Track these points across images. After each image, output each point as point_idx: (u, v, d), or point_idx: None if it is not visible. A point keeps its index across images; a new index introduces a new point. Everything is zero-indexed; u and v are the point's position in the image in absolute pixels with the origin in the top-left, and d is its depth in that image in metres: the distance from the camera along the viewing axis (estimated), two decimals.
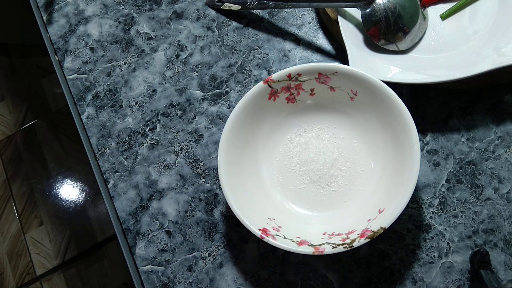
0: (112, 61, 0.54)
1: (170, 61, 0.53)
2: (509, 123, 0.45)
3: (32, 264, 1.31)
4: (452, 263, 0.42)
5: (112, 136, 0.51)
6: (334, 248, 0.38)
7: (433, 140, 0.46)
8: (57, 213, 1.35)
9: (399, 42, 0.46)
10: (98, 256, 1.30)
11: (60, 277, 1.29)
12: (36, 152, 1.43)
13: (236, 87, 0.51)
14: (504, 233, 0.42)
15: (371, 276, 0.43)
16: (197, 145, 0.50)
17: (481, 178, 0.44)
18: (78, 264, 1.30)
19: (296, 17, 0.53)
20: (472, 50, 0.44)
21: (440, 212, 0.44)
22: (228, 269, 0.45)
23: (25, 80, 1.53)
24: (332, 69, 0.42)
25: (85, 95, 0.53)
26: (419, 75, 0.43)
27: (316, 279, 0.44)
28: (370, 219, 0.40)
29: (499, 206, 0.43)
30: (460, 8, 0.47)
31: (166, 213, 0.48)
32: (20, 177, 1.41)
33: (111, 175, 0.50)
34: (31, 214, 1.36)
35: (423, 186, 0.45)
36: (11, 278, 1.30)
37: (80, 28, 0.56)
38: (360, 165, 0.44)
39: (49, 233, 1.33)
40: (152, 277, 0.46)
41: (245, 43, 0.53)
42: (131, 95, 0.52)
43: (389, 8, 0.45)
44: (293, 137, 0.46)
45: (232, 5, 0.53)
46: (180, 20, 0.55)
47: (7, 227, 1.36)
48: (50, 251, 1.32)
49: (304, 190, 0.45)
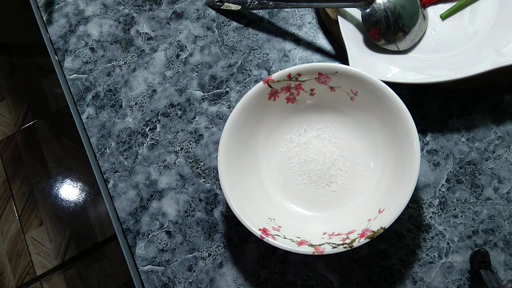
0: (112, 61, 0.54)
1: (170, 61, 0.53)
2: (509, 123, 0.45)
3: (32, 264, 1.31)
4: (452, 263, 0.42)
5: (112, 136, 0.51)
6: (334, 248, 0.38)
7: (433, 140, 0.46)
8: (57, 213, 1.35)
9: (399, 42, 0.46)
10: (98, 256, 1.30)
11: (60, 277, 1.29)
12: (36, 152, 1.43)
13: (236, 87, 0.51)
14: (504, 233, 0.42)
15: (371, 276, 0.43)
16: (197, 145, 0.50)
17: (481, 178, 0.44)
18: (78, 264, 1.30)
19: (296, 17, 0.53)
20: (472, 50, 0.44)
21: (440, 212, 0.44)
22: (228, 269, 0.45)
23: (25, 80, 1.53)
24: (332, 69, 0.42)
25: (85, 95, 0.53)
26: (419, 75, 0.43)
27: (316, 279, 0.44)
28: (370, 219, 0.40)
29: (499, 206, 0.43)
30: (460, 8, 0.47)
31: (166, 213, 0.48)
32: (20, 177, 1.41)
33: (111, 175, 0.50)
34: (31, 214, 1.36)
35: (423, 186, 0.45)
36: (11, 278, 1.30)
37: (80, 28, 0.56)
38: (360, 165, 0.44)
39: (49, 233, 1.33)
40: (152, 277, 0.46)
41: (245, 43, 0.53)
42: (131, 95, 0.52)
43: (389, 8, 0.45)
44: (293, 137, 0.46)
45: (232, 5, 0.53)
46: (180, 20, 0.55)
47: (7, 227, 1.36)
48: (50, 251, 1.32)
49: (304, 190, 0.45)
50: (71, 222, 1.33)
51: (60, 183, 1.38)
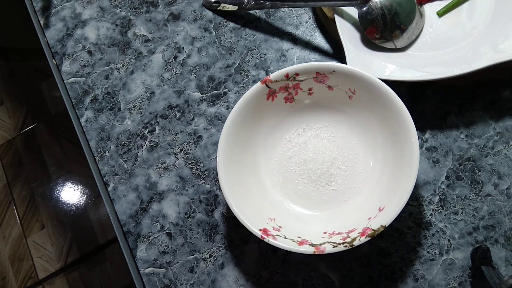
0: (110, 64, 0.54)
1: (168, 63, 0.53)
2: (508, 119, 0.45)
3: (35, 268, 1.31)
4: (453, 260, 0.42)
5: (111, 139, 0.51)
6: (335, 247, 0.38)
7: (432, 137, 0.46)
8: (58, 216, 1.35)
9: (396, 40, 0.46)
10: (100, 258, 1.30)
11: (62, 280, 1.29)
12: (36, 156, 1.43)
13: (234, 88, 0.51)
14: (504, 229, 0.42)
15: (372, 274, 0.43)
16: (196, 147, 0.50)
17: (481, 174, 0.44)
18: (80, 267, 1.30)
19: (293, 17, 0.53)
20: (469, 46, 0.44)
21: (440, 209, 0.44)
22: (230, 270, 0.45)
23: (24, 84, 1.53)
24: (329, 68, 0.42)
25: (84, 98, 0.53)
26: (417, 72, 0.43)
27: (317, 279, 0.44)
28: (370, 217, 0.40)
29: (499, 202, 0.43)
30: (457, 5, 0.47)
31: (166, 215, 0.48)
32: (20, 181, 1.41)
33: (111, 178, 0.50)
34: (33, 218, 1.36)
35: (423, 183, 0.45)
36: (14, 282, 1.31)
37: (78, 31, 0.56)
38: (360, 164, 0.44)
39: (50, 237, 1.33)
40: (154, 279, 0.46)
41: (242, 43, 0.53)
42: (130, 98, 0.52)
43: (385, 6, 0.45)
44: (292, 137, 0.46)
45: (229, 6, 0.53)
46: (177, 22, 0.55)
47: (9, 232, 1.36)
48: (52, 254, 1.32)
49: (304, 190, 0.45)
50: (73, 225, 1.34)
51: (60, 187, 1.38)
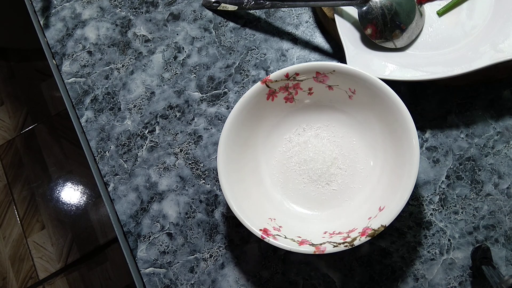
0: (110, 64, 0.54)
1: (168, 63, 0.53)
2: (508, 118, 0.45)
3: (35, 268, 1.31)
4: (453, 260, 0.42)
5: (112, 139, 0.51)
6: (335, 247, 0.38)
7: (432, 136, 0.46)
8: (59, 216, 1.35)
9: (396, 40, 0.46)
10: (100, 259, 1.30)
11: (63, 281, 1.29)
12: (37, 156, 1.43)
13: (234, 88, 0.51)
14: (505, 229, 0.42)
15: (372, 274, 0.43)
16: (197, 147, 0.50)
17: (481, 174, 0.44)
18: (81, 267, 1.30)
19: (293, 17, 0.53)
20: (469, 46, 0.44)
21: (441, 209, 0.44)
22: (230, 269, 0.45)
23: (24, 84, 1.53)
24: (329, 68, 0.42)
25: (84, 98, 0.53)
26: (417, 72, 0.43)
27: (318, 278, 0.44)
28: (370, 217, 0.40)
29: (500, 201, 0.43)
30: (457, 4, 0.47)
31: (166, 215, 0.48)
32: (21, 181, 1.41)
33: (111, 178, 0.50)
34: (33, 218, 1.36)
35: (423, 183, 0.45)
36: (14, 282, 1.31)
37: (77, 31, 0.56)
38: (360, 164, 0.44)
39: (51, 237, 1.33)
40: (154, 279, 0.46)
41: (242, 43, 0.53)
42: (130, 98, 0.52)
43: (385, 5, 0.45)
44: (292, 137, 0.46)
45: (229, 6, 0.53)
46: (177, 22, 0.55)
47: (9, 232, 1.36)
48: (53, 254, 1.32)
49: (304, 190, 0.45)
50: (73, 225, 1.34)
51: (61, 187, 1.38)
